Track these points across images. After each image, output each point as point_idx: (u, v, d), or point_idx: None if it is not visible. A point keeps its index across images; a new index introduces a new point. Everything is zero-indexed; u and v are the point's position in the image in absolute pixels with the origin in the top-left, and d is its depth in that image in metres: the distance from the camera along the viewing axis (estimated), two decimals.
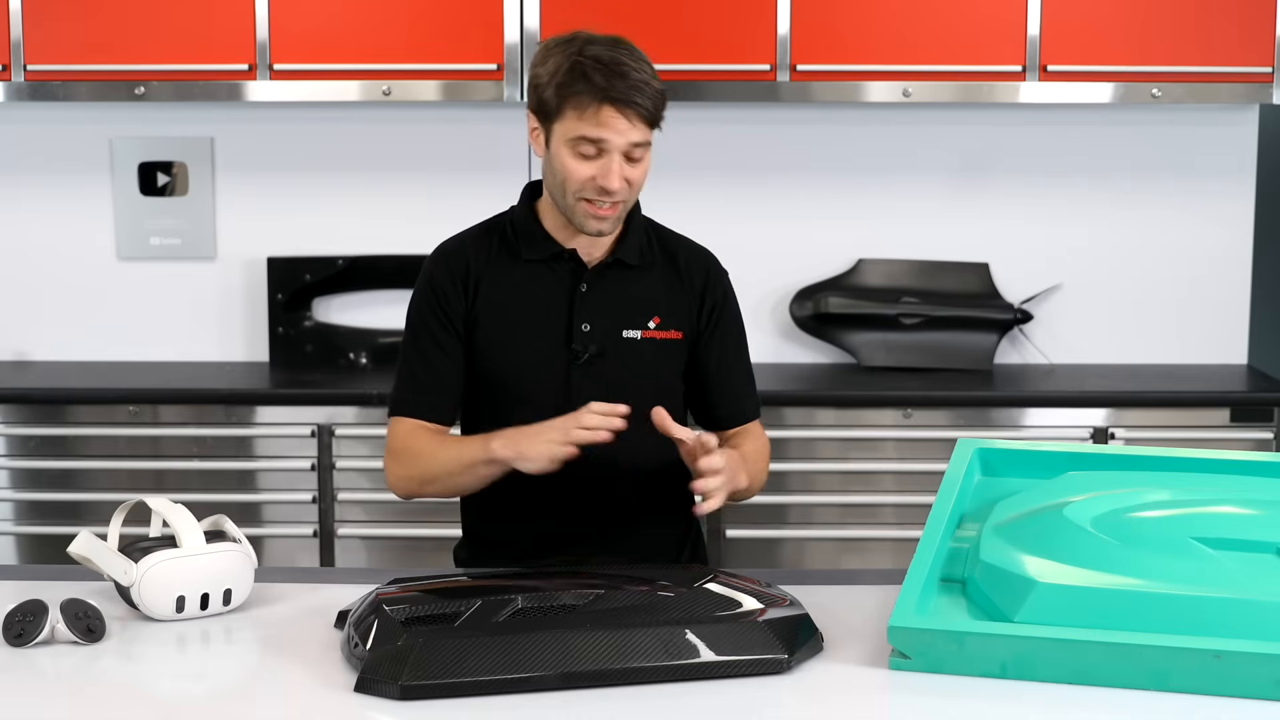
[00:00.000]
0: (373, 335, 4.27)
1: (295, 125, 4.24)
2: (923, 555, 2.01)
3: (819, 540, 3.86)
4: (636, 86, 2.26)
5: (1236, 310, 4.30)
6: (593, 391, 2.36)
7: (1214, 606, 1.83)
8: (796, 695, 1.83)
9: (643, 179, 2.36)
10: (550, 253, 2.43)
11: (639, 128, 2.29)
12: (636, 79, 2.27)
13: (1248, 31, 3.85)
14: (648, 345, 2.43)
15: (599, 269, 2.43)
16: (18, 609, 1.98)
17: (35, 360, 4.31)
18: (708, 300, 2.49)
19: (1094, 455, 2.31)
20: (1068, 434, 3.83)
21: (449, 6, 3.86)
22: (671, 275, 2.48)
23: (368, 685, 1.81)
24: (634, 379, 2.42)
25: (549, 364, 2.41)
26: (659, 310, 2.45)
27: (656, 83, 2.31)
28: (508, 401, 2.43)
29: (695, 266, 2.50)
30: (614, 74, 2.26)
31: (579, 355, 2.41)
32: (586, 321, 2.42)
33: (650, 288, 2.46)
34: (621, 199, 2.33)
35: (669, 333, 2.45)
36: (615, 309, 2.43)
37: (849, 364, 4.24)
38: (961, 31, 3.86)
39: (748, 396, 2.55)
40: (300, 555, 3.84)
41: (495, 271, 2.44)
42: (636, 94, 2.26)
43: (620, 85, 2.26)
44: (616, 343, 2.42)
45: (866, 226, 4.28)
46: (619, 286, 2.44)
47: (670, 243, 2.52)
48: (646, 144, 2.32)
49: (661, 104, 2.32)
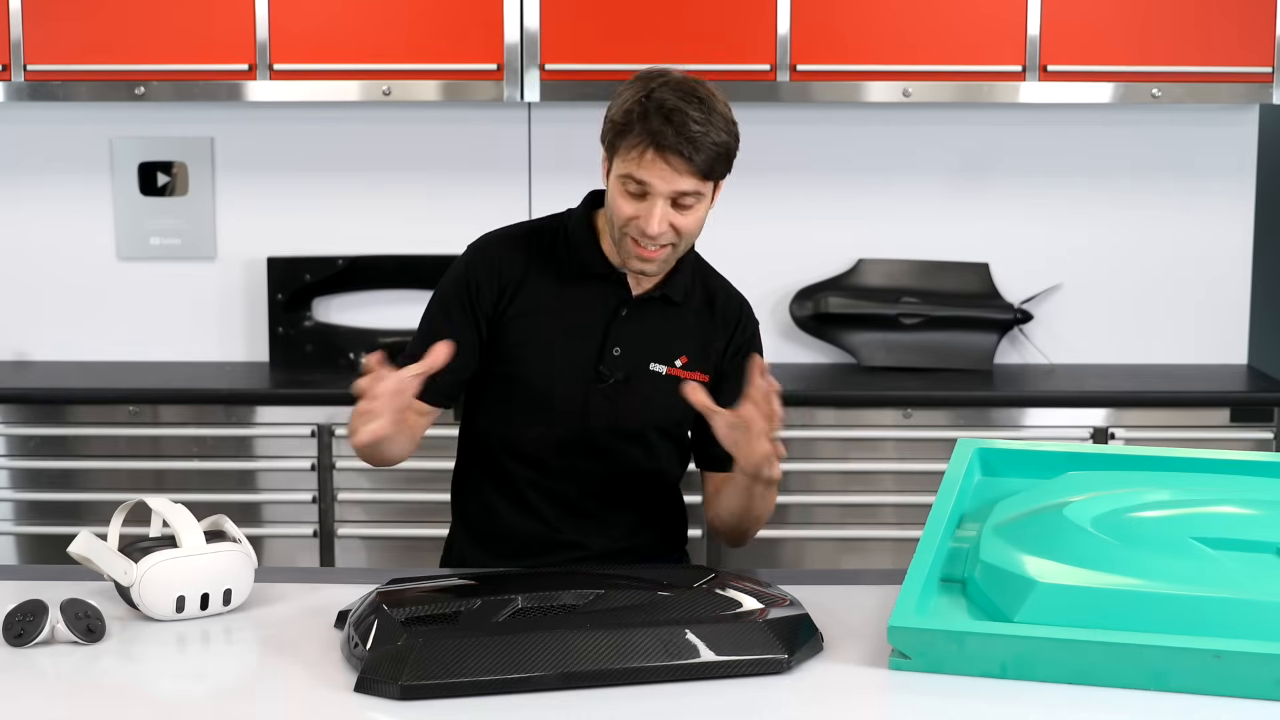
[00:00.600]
0: (373, 335, 4.26)
1: (295, 125, 4.24)
2: (923, 555, 2.01)
3: (819, 540, 3.86)
4: (691, 138, 2.22)
5: (1236, 310, 4.30)
6: (607, 415, 2.39)
7: (1214, 606, 1.83)
8: (796, 695, 1.83)
9: (695, 228, 2.32)
10: (601, 270, 2.42)
11: (687, 178, 2.25)
12: (694, 131, 2.22)
13: (1248, 31, 3.85)
14: (670, 382, 2.41)
15: (642, 299, 2.43)
16: (18, 609, 1.97)
17: (35, 360, 4.31)
18: (733, 344, 2.48)
19: (1094, 455, 2.31)
20: (1068, 434, 3.83)
21: (449, 6, 3.85)
22: (706, 317, 2.47)
23: (368, 685, 1.81)
24: (649, 411, 2.43)
25: (573, 381, 2.41)
26: (689, 350, 2.45)
27: (720, 135, 2.25)
28: (523, 408, 2.43)
29: (730, 312, 2.49)
30: (669, 121, 2.22)
31: (605, 378, 2.41)
32: (618, 346, 2.42)
33: (685, 326, 2.46)
34: (666, 243, 2.31)
35: (694, 374, 2.44)
36: (648, 340, 2.43)
37: (849, 364, 4.24)
38: (961, 31, 3.86)
39: None
40: (300, 555, 3.84)
41: (537, 277, 2.43)
42: (687, 146, 2.22)
43: (671, 134, 2.22)
44: (642, 373, 2.42)
45: (866, 226, 4.28)
46: (657, 319, 2.44)
47: (712, 284, 2.51)
48: (697, 194, 2.28)
49: (719, 157, 2.26)
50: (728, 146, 2.28)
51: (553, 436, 2.42)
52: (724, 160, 2.29)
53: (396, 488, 3.78)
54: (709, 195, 2.31)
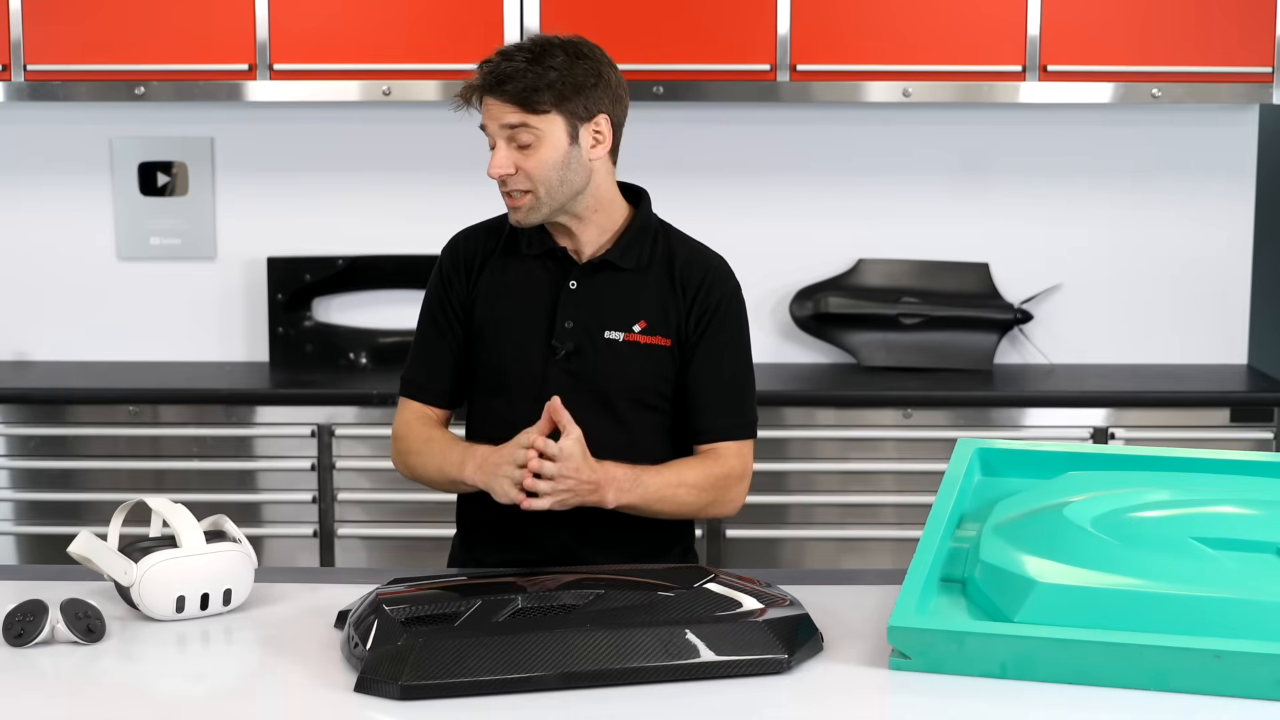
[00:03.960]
0: (373, 335, 4.26)
1: (295, 125, 4.24)
2: (923, 555, 2.01)
3: (819, 540, 3.86)
4: (500, 74, 2.30)
5: (1236, 310, 4.29)
6: (568, 388, 2.37)
7: (1214, 606, 1.83)
8: (796, 695, 1.83)
9: (544, 169, 2.33)
10: (543, 248, 2.45)
11: (507, 111, 2.30)
12: (504, 68, 2.30)
13: (1248, 31, 3.85)
14: (628, 348, 2.42)
15: (589, 268, 2.43)
16: (18, 609, 1.98)
17: (35, 360, 4.31)
18: (696, 307, 2.44)
19: (1094, 455, 2.31)
20: (1068, 434, 3.83)
21: (449, 6, 3.86)
22: (665, 280, 2.45)
23: (368, 685, 1.81)
24: (610, 380, 2.42)
25: (529, 357, 2.43)
26: (645, 314, 2.43)
27: (540, 69, 2.30)
28: (489, 390, 2.47)
29: (692, 272, 2.45)
30: (485, 66, 2.32)
31: (557, 351, 2.42)
32: (569, 319, 2.42)
33: (640, 291, 2.44)
34: (520, 187, 2.34)
35: (654, 338, 2.43)
36: (600, 309, 2.43)
37: (849, 364, 4.24)
38: (961, 31, 3.86)
39: (727, 414, 2.46)
40: (300, 555, 3.84)
41: (497, 262, 2.47)
42: (495, 82, 2.30)
43: (481, 76, 2.32)
44: (596, 342, 2.42)
45: (866, 226, 4.27)
46: (607, 287, 2.44)
47: (676, 248, 2.48)
48: (526, 127, 2.31)
49: (538, 89, 2.29)
50: (549, 80, 2.30)
51: (519, 414, 2.39)
52: (552, 92, 2.30)
53: (396, 488, 3.78)
54: (553, 130, 2.32)
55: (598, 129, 2.36)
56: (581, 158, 2.36)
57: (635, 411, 2.44)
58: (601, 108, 2.36)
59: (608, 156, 2.40)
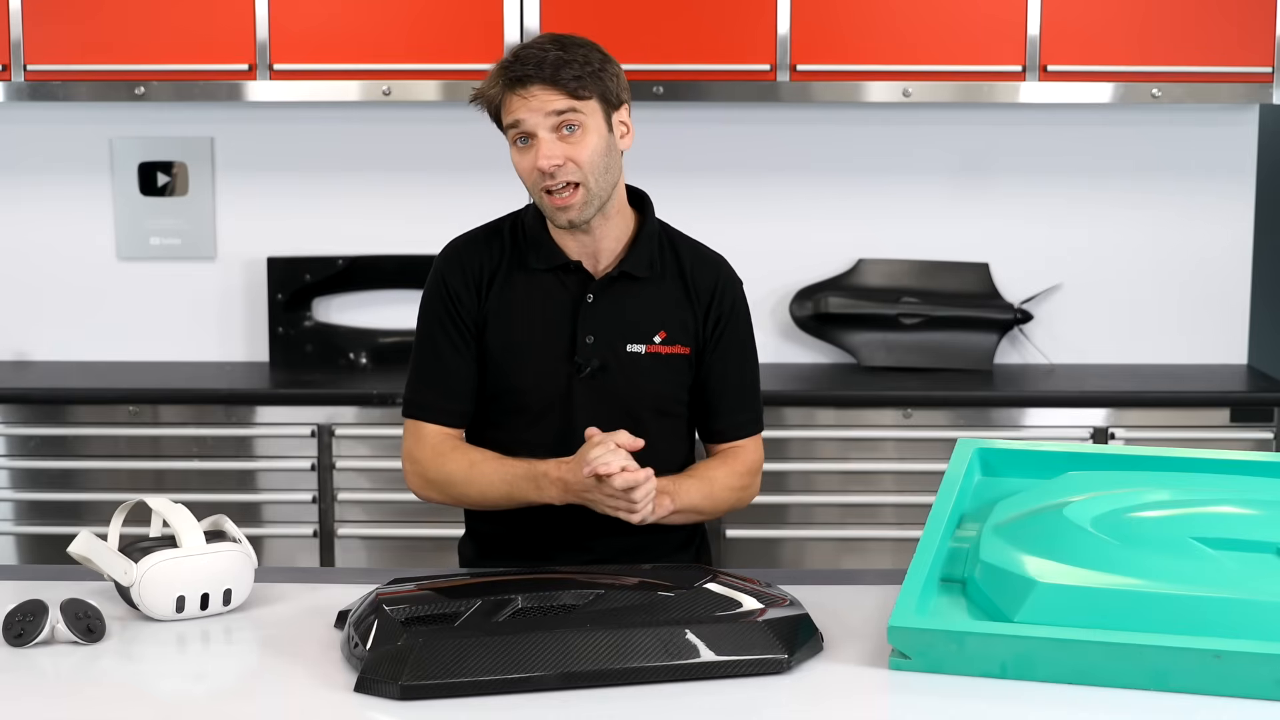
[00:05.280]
0: (373, 335, 4.27)
1: (295, 125, 4.24)
2: (923, 555, 2.01)
3: (819, 540, 3.86)
4: (540, 61, 2.26)
5: (1236, 310, 4.30)
6: (593, 405, 2.37)
7: (1214, 606, 1.83)
8: (796, 695, 1.83)
9: (593, 157, 2.30)
10: (556, 263, 2.41)
11: (555, 98, 2.26)
12: (535, 55, 2.27)
13: (1248, 31, 3.85)
14: (651, 360, 2.41)
15: (605, 280, 2.40)
16: (18, 609, 1.98)
17: (35, 360, 4.31)
18: (713, 312, 2.44)
19: (1094, 455, 2.31)
20: (1068, 434, 3.83)
21: (449, 6, 3.86)
22: (679, 287, 2.43)
23: (368, 685, 1.81)
24: (635, 394, 2.40)
25: (551, 375, 2.40)
26: (665, 325, 2.42)
27: (579, 54, 2.28)
28: (507, 408, 2.43)
29: (703, 278, 2.44)
30: (514, 60, 2.29)
31: (581, 368, 2.39)
32: (590, 334, 2.39)
33: (657, 301, 2.42)
34: (571, 179, 2.29)
35: (674, 348, 2.42)
36: (620, 322, 2.40)
37: (849, 364, 4.24)
38: (961, 31, 3.86)
39: (745, 410, 2.49)
40: (300, 555, 3.84)
41: (505, 276, 2.42)
42: (538, 69, 2.26)
43: (515, 66, 2.28)
44: (620, 357, 2.40)
45: (866, 226, 4.28)
46: (625, 299, 2.41)
47: (682, 251, 2.47)
48: (574, 112, 2.28)
49: (586, 76, 2.28)
50: (591, 66, 2.28)
51: (537, 434, 2.40)
52: (594, 79, 2.29)
53: (397, 488, 3.78)
54: (595, 119, 2.30)
55: (623, 120, 2.36)
56: (615, 148, 2.35)
57: (656, 420, 2.43)
58: (625, 98, 2.36)
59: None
